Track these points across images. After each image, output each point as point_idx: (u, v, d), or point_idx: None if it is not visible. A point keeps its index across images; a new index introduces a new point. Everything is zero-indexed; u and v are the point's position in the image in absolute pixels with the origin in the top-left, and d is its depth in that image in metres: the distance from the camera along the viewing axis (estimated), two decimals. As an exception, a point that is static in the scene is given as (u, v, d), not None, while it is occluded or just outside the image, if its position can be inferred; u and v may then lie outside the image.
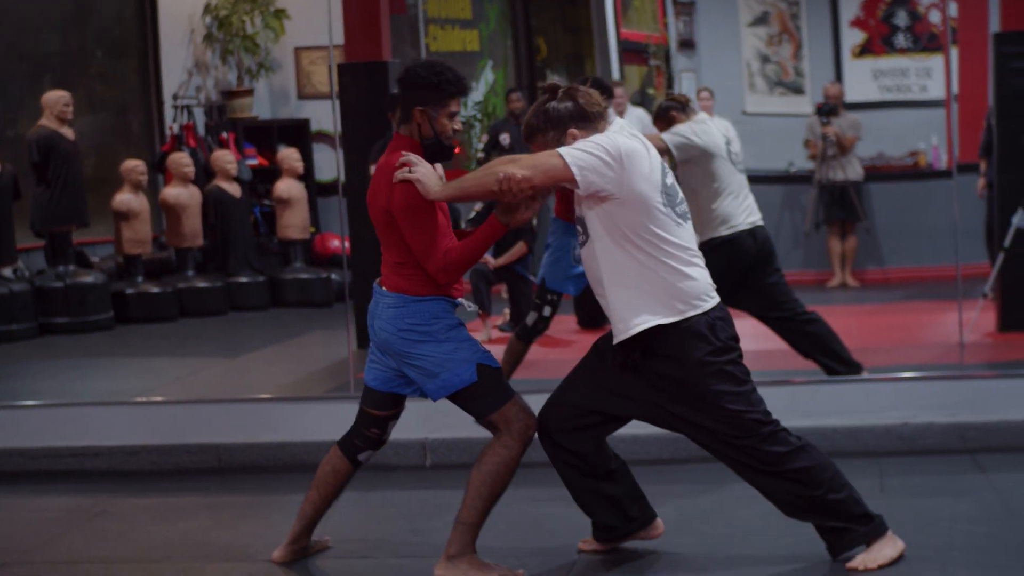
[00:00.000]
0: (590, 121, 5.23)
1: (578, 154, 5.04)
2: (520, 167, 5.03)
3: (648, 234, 5.08)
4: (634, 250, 5.10)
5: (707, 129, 7.76)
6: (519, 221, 5.15)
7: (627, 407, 5.36)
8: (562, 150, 5.07)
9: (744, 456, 5.27)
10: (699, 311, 5.15)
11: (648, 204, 5.08)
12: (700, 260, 5.25)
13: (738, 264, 7.67)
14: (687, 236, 5.21)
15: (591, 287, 5.36)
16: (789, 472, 5.24)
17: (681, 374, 5.17)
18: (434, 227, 5.15)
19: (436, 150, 5.27)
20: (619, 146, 5.07)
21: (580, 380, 5.46)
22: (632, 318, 5.14)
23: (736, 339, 5.27)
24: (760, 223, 7.82)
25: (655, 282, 5.11)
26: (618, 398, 5.35)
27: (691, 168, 7.69)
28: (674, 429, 5.37)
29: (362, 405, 5.56)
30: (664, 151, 7.45)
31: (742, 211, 7.76)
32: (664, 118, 7.81)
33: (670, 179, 5.22)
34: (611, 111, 5.74)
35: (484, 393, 5.26)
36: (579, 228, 5.27)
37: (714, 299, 5.23)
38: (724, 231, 7.68)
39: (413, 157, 5.16)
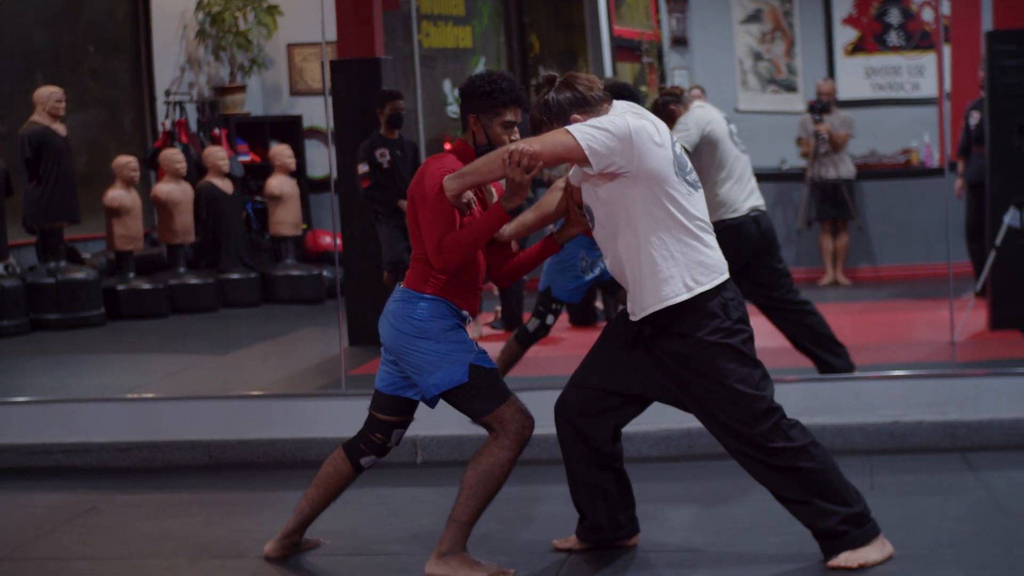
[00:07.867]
0: (591, 106, 5.24)
1: (588, 131, 5.05)
2: (529, 144, 5.04)
3: (660, 210, 5.09)
4: (645, 228, 5.10)
5: (709, 115, 7.74)
6: (518, 203, 5.12)
7: (641, 384, 5.36)
8: (571, 128, 5.07)
9: (747, 446, 5.25)
10: (710, 288, 5.15)
11: (660, 178, 5.08)
12: (711, 231, 5.25)
13: (742, 251, 7.62)
14: (699, 206, 5.22)
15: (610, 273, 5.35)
16: (790, 469, 5.23)
17: (690, 351, 5.18)
18: (443, 215, 5.16)
19: None
20: (627, 123, 5.08)
21: (596, 360, 5.48)
22: (647, 297, 5.16)
23: (746, 320, 5.27)
24: (762, 208, 7.82)
25: (667, 260, 5.12)
26: (632, 375, 5.36)
27: (697, 154, 7.65)
28: (685, 408, 5.37)
29: (370, 408, 5.56)
30: None
31: (744, 195, 7.75)
32: (664, 112, 7.73)
33: (679, 148, 5.23)
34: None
35: (478, 394, 5.27)
36: (587, 214, 5.27)
37: (725, 275, 5.23)
38: (728, 216, 7.64)
39: None
